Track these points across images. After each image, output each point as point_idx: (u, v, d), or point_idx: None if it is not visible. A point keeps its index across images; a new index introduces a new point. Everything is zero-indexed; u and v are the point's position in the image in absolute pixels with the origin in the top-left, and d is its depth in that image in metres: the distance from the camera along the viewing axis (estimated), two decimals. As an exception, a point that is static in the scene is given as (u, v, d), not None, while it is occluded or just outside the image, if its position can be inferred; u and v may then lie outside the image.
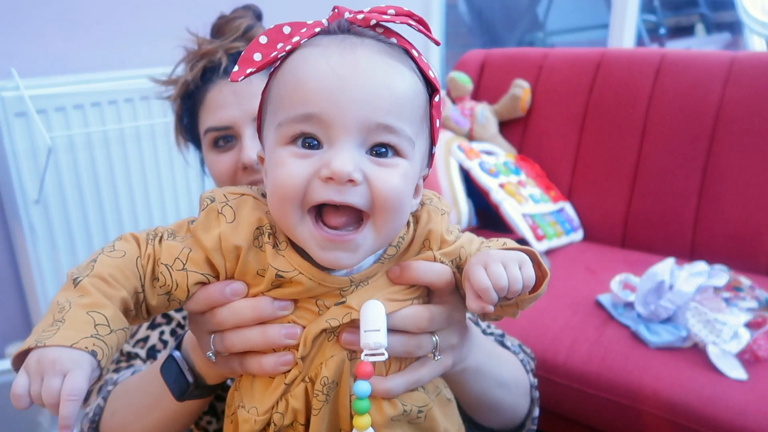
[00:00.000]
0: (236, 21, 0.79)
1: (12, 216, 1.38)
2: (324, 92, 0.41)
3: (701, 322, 1.17)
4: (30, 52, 1.39)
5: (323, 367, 0.45)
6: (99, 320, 0.40)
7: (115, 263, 0.44)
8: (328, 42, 0.44)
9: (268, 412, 0.46)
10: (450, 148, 1.76)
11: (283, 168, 0.42)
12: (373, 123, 0.42)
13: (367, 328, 0.43)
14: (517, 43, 3.14)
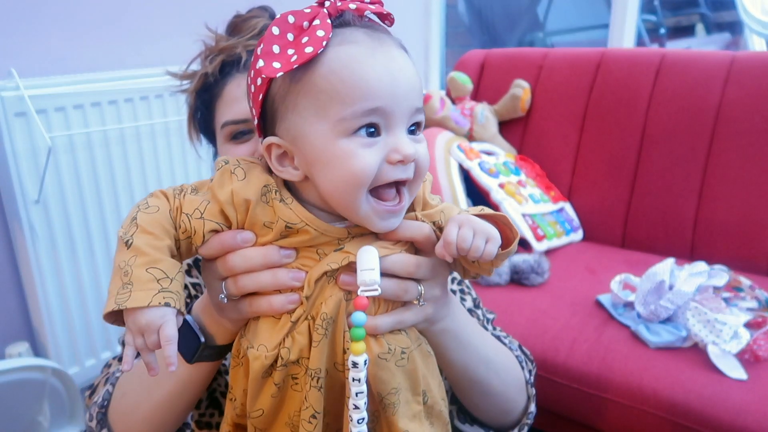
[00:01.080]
0: (253, 20, 0.80)
1: (12, 216, 1.38)
2: (386, 88, 0.47)
3: (701, 322, 1.17)
4: (30, 52, 1.39)
5: (323, 305, 0.51)
6: (159, 275, 0.48)
7: (153, 218, 0.51)
8: (359, 38, 0.49)
9: (276, 348, 0.51)
10: (450, 148, 1.76)
11: (357, 158, 0.48)
12: (414, 108, 0.50)
13: (363, 268, 0.49)
14: (517, 43, 3.14)
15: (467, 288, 0.86)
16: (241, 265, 0.53)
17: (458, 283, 0.85)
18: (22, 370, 1.22)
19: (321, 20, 0.48)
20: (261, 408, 0.54)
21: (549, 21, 3.29)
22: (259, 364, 0.52)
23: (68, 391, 1.33)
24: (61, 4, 1.42)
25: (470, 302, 0.83)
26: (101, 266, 1.51)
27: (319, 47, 0.47)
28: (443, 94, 2.00)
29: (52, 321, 1.45)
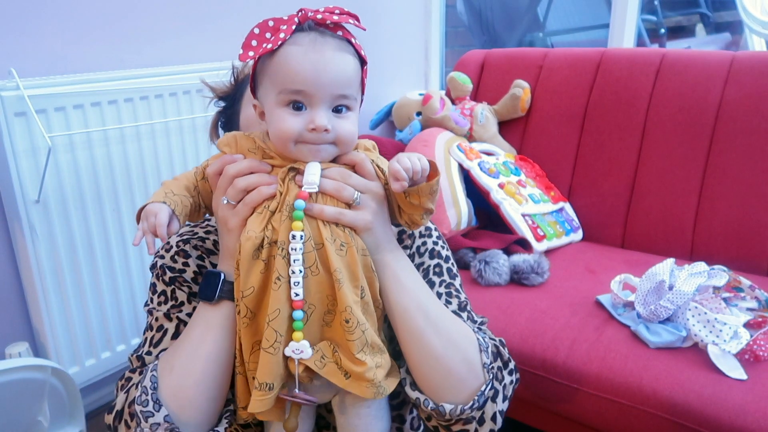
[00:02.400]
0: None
1: (12, 216, 1.38)
2: (308, 77, 0.67)
3: (701, 322, 1.17)
4: (30, 52, 1.39)
5: (287, 198, 0.69)
6: (167, 191, 0.71)
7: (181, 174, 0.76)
8: (304, 41, 0.68)
9: (262, 232, 0.68)
10: (450, 148, 1.76)
11: (283, 122, 0.68)
12: (335, 94, 0.68)
13: (308, 172, 0.69)
14: (517, 43, 3.14)
15: (456, 291, 0.85)
16: (234, 169, 0.71)
17: (446, 286, 0.85)
18: (22, 370, 1.22)
19: (288, 26, 0.68)
20: (252, 285, 0.68)
21: (549, 21, 3.29)
22: (250, 244, 0.67)
23: (68, 391, 1.33)
24: (61, 4, 1.42)
25: (455, 305, 0.84)
26: (101, 266, 1.51)
27: (275, 45, 0.67)
28: (443, 94, 2.00)
29: (52, 321, 1.45)
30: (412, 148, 1.78)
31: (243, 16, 1.82)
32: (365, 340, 0.69)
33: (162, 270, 0.82)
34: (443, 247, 0.89)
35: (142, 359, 0.78)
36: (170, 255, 0.83)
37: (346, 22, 0.70)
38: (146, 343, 0.80)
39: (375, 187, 0.73)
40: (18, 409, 1.27)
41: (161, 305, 0.82)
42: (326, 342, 0.70)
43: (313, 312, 0.68)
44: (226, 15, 1.76)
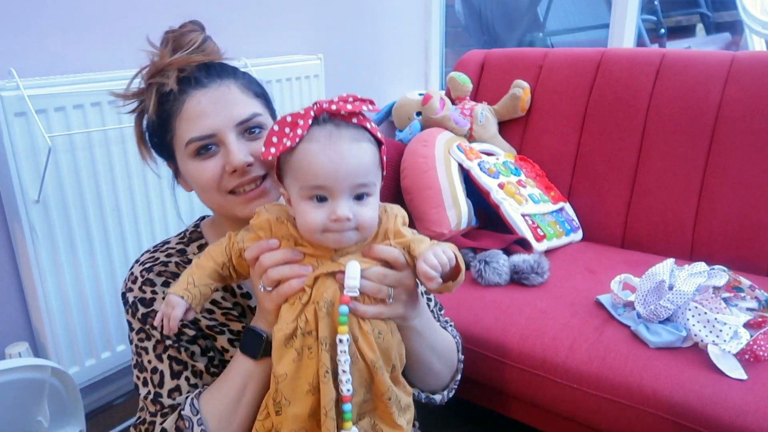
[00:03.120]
0: (190, 35, 0.85)
1: (12, 216, 1.38)
2: (326, 174, 0.70)
3: (701, 322, 1.17)
4: (30, 52, 1.39)
5: (324, 293, 0.73)
6: (190, 281, 0.75)
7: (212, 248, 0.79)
8: (321, 136, 0.70)
9: (293, 323, 0.73)
10: (450, 149, 1.76)
11: (308, 214, 0.72)
12: (354, 185, 0.71)
13: (349, 276, 0.72)
14: (517, 43, 3.14)
15: None
16: (269, 261, 0.74)
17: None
18: (22, 370, 1.22)
19: (304, 121, 0.70)
20: (285, 372, 0.73)
21: (549, 21, 3.29)
22: (281, 335, 0.73)
23: (68, 391, 1.33)
24: (61, 4, 1.42)
25: (434, 305, 1.01)
26: (101, 266, 1.51)
27: (293, 142, 0.70)
28: (443, 94, 2.00)
29: (52, 321, 1.45)
30: (412, 147, 1.78)
31: (243, 17, 1.82)
32: (400, 406, 0.78)
33: (134, 307, 0.85)
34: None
35: (159, 403, 0.83)
36: (137, 286, 0.86)
37: (359, 111, 0.72)
38: (149, 384, 0.84)
39: (406, 279, 0.77)
40: (18, 409, 1.27)
41: (143, 341, 0.85)
42: (367, 418, 0.78)
43: (354, 395, 0.74)
44: (226, 15, 1.77)
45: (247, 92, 0.83)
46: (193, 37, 0.85)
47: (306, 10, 2.03)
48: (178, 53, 0.83)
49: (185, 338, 0.85)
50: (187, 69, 0.82)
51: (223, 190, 0.82)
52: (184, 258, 0.88)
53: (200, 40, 0.85)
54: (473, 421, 1.64)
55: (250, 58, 1.75)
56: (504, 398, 1.38)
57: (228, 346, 0.86)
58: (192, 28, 0.87)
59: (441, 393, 0.95)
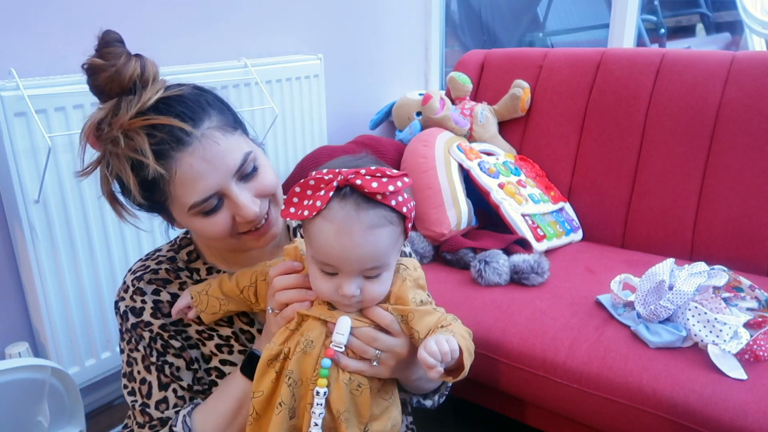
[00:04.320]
0: (125, 68, 0.73)
1: (12, 216, 1.38)
2: (337, 257, 0.69)
3: (701, 322, 1.17)
4: (30, 52, 1.39)
5: (311, 332, 0.74)
6: (206, 287, 0.82)
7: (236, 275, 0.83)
8: (338, 217, 0.68)
9: (279, 346, 0.74)
10: (450, 148, 1.76)
11: (317, 281, 0.73)
12: (363, 268, 0.70)
13: (337, 331, 0.72)
14: (517, 43, 3.14)
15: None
16: (280, 284, 0.76)
17: None
18: (22, 370, 1.22)
19: (326, 191, 0.67)
20: (262, 390, 0.74)
21: (549, 21, 3.29)
22: (267, 353, 0.74)
23: (68, 391, 1.33)
24: (61, 4, 1.42)
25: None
26: (101, 266, 1.51)
27: (311, 213, 0.68)
28: (443, 94, 2.00)
29: (52, 321, 1.45)
30: (412, 147, 1.78)
31: (243, 17, 1.82)
32: None
33: (125, 316, 0.85)
34: (404, 243, 0.96)
35: (147, 414, 0.84)
36: (129, 295, 0.85)
37: (384, 191, 0.67)
38: (137, 395, 0.85)
39: (398, 347, 0.76)
40: (18, 409, 1.27)
41: (132, 352, 0.86)
42: None
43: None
44: (225, 15, 1.76)
45: (226, 131, 0.76)
46: (130, 70, 0.73)
47: (306, 10, 2.03)
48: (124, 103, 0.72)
49: (172, 351, 0.85)
50: (156, 133, 0.71)
51: (234, 235, 0.80)
52: (174, 265, 0.88)
53: (139, 69, 0.74)
54: (473, 421, 1.64)
55: (249, 58, 1.75)
56: (503, 398, 1.38)
57: (216, 351, 0.86)
58: (114, 52, 0.74)
59: (432, 398, 0.95)
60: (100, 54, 0.74)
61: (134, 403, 0.85)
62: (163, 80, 0.77)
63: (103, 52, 0.74)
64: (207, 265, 0.89)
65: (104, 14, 1.49)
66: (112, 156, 0.74)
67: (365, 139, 1.87)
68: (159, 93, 0.74)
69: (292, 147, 1.97)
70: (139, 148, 0.71)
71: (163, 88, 0.75)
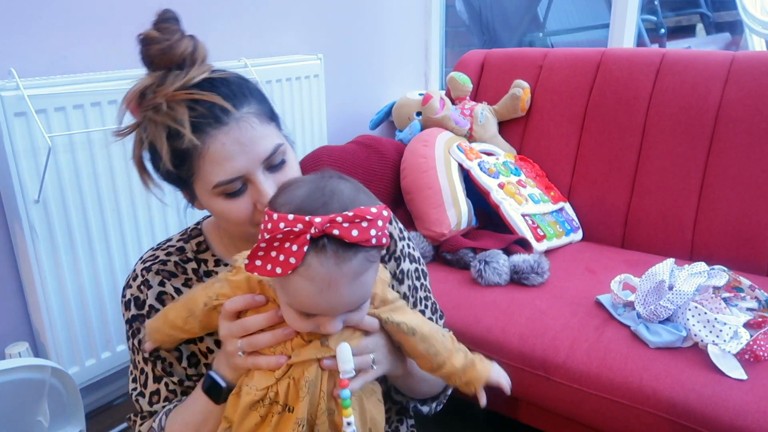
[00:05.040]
0: (178, 45, 0.74)
1: (12, 216, 1.38)
2: (321, 311, 0.65)
3: (701, 322, 1.17)
4: (30, 52, 1.39)
5: (305, 372, 0.70)
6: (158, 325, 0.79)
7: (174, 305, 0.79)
8: (318, 275, 0.61)
9: (263, 391, 0.70)
10: (450, 149, 1.76)
11: (295, 323, 0.68)
12: (349, 310, 0.67)
13: (342, 360, 0.69)
14: (517, 43, 3.14)
15: (428, 291, 0.96)
16: (253, 326, 0.71)
17: (424, 289, 0.95)
18: (22, 370, 1.22)
19: (299, 247, 0.60)
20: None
21: (549, 21, 3.29)
22: (249, 398, 0.71)
23: (68, 391, 1.33)
24: (61, 4, 1.42)
25: (430, 308, 0.96)
26: (101, 266, 1.51)
27: (285, 272, 0.61)
28: (443, 94, 2.00)
29: (52, 321, 1.45)
30: (412, 147, 1.78)
31: (243, 17, 1.82)
32: None
33: (128, 304, 0.87)
34: (414, 248, 0.96)
35: (140, 404, 0.88)
36: (136, 284, 0.86)
37: (366, 238, 0.61)
38: (136, 382, 0.88)
39: (380, 343, 0.76)
40: (18, 409, 1.27)
41: (129, 339, 0.88)
42: None
43: None
44: (225, 15, 1.76)
45: (263, 119, 0.77)
46: (183, 47, 0.74)
47: (306, 10, 2.03)
48: (171, 76, 0.74)
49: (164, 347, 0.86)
50: (197, 108, 0.73)
51: (254, 223, 0.78)
52: (183, 256, 0.88)
53: (191, 47, 0.75)
54: (472, 421, 1.64)
55: (249, 58, 1.75)
56: (503, 398, 1.38)
57: (214, 347, 0.87)
58: (170, 28, 0.75)
59: (429, 404, 0.95)
60: (157, 27, 0.75)
61: (134, 391, 0.88)
62: (210, 64, 0.78)
63: (160, 26, 0.75)
64: (215, 257, 0.89)
65: (104, 14, 1.49)
66: (150, 122, 0.75)
67: (365, 139, 1.87)
68: (205, 73, 0.75)
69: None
70: (178, 118, 0.72)
71: (209, 70, 0.77)
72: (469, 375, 0.77)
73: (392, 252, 0.91)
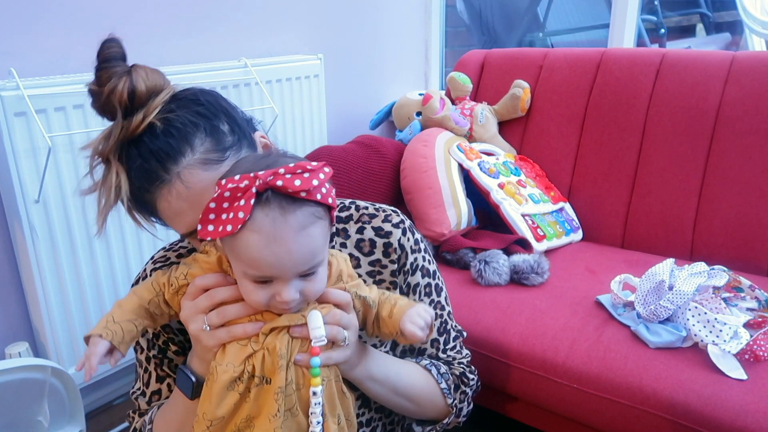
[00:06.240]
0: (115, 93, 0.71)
1: (12, 216, 1.38)
2: (271, 268, 0.64)
3: (701, 322, 1.17)
4: (30, 52, 1.39)
5: (277, 345, 0.69)
6: (108, 319, 0.71)
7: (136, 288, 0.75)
8: (264, 225, 0.62)
9: (241, 366, 0.69)
10: (450, 149, 1.76)
11: (252, 294, 0.67)
12: (299, 271, 0.66)
13: (313, 327, 0.68)
14: (517, 43, 3.14)
15: (440, 309, 0.94)
16: (220, 296, 0.69)
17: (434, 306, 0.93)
18: (22, 370, 1.22)
19: (246, 201, 0.61)
20: (223, 414, 0.69)
21: (549, 21, 3.29)
22: (227, 376, 0.68)
23: (68, 391, 1.33)
24: (61, 4, 1.42)
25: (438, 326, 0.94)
26: (101, 266, 1.51)
27: (234, 228, 0.62)
28: (443, 94, 2.00)
29: (52, 321, 1.45)
30: (412, 147, 1.78)
31: (243, 17, 1.82)
32: None
33: None
34: (430, 261, 0.93)
35: (139, 402, 0.88)
36: None
37: (308, 187, 0.62)
38: (140, 381, 0.88)
39: (354, 322, 0.75)
40: (18, 409, 1.27)
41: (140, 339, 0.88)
42: None
43: None
44: (225, 15, 1.77)
45: (209, 163, 0.71)
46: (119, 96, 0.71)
47: (306, 10, 2.03)
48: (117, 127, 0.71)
49: (173, 348, 0.86)
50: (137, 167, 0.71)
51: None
52: None
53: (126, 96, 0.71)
54: (472, 421, 1.64)
55: (249, 58, 1.75)
56: (503, 398, 1.38)
57: None
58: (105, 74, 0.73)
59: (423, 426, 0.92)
60: (97, 76, 0.73)
61: (137, 391, 0.89)
62: (164, 93, 0.73)
63: (99, 74, 0.73)
64: None
65: (104, 14, 1.49)
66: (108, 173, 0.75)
67: (365, 139, 1.87)
68: (147, 119, 0.70)
69: (292, 147, 1.97)
70: (117, 183, 0.73)
71: (156, 108, 0.71)
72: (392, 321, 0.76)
73: (402, 265, 0.89)
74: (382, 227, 0.88)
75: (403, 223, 0.90)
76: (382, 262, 0.89)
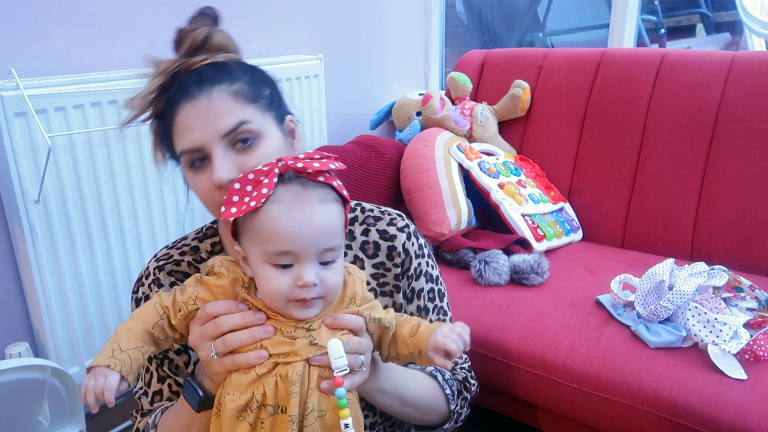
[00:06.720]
0: (192, 33, 0.80)
1: (12, 216, 1.38)
2: (293, 237, 0.66)
3: (701, 322, 1.17)
4: (30, 52, 1.39)
5: (290, 369, 0.67)
6: (115, 347, 0.67)
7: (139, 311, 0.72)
8: (287, 197, 0.66)
9: (247, 394, 0.67)
10: (450, 148, 1.76)
11: (272, 281, 0.67)
12: (321, 249, 0.67)
13: (335, 357, 0.68)
14: (517, 43, 3.14)
15: (443, 315, 0.95)
16: (227, 324, 0.69)
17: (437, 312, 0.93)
18: (22, 370, 1.22)
19: (269, 179, 0.66)
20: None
21: (549, 21, 3.29)
22: (234, 405, 0.67)
23: (68, 391, 1.33)
24: (61, 4, 1.42)
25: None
26: (101, 266, 1.51)
27: (258, 202, 0.65)
28: (443, 94, 2.00)
29: (52, 321, 1.45)
30: (412, 147, 1.78)
31: (243, 17, 1.82)
32: None
33: (138, 303, 0.86)
34: (434, 266, 0.94)
35: (143, 402, 0.88)
36: (148, 282, 0.86)
37: (326, 169, 0.68)
38: (142, 381, 0.89)
39: (369, 346, 0.75)
40: (18, 409, 1.27)
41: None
42: None
43: None
44: (225, 15, 1.76)
45: (239, 98, 0.77)
46: (195, 34, 0.80)
47: (306, 11, 2.03)
48: (180, 60, 0.80)
49: (174, 348, 0.86)
50: (180, 78, 0.79)
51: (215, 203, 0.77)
52: (197, 256, 0.87)
53: (201, 37, 0.80)
54: (471, 421, 1.64)
55: (250, 58, 1.75)
56: (503, 398, 1.38)
57: None
58: (196, 25, 0.81)
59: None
60: (190, 19, 0.83)
61: (139, 390, 0.89)
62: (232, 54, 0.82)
63: (193, 17, 0.83)
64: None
65: (104, 15, 1.49)
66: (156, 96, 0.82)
67: (365, 139, 1.87)
68: (207, 61, 0.79)
69: (292, 147, 1.97)
70: (154, 93, 0.80)
71: (215, 58, 0.80)
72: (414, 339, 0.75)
73: (405, 269, 0.89)
74: (387, 230, 0.89)
75: (407, 227, 0.90)
76: (386, 265, 0.89)
